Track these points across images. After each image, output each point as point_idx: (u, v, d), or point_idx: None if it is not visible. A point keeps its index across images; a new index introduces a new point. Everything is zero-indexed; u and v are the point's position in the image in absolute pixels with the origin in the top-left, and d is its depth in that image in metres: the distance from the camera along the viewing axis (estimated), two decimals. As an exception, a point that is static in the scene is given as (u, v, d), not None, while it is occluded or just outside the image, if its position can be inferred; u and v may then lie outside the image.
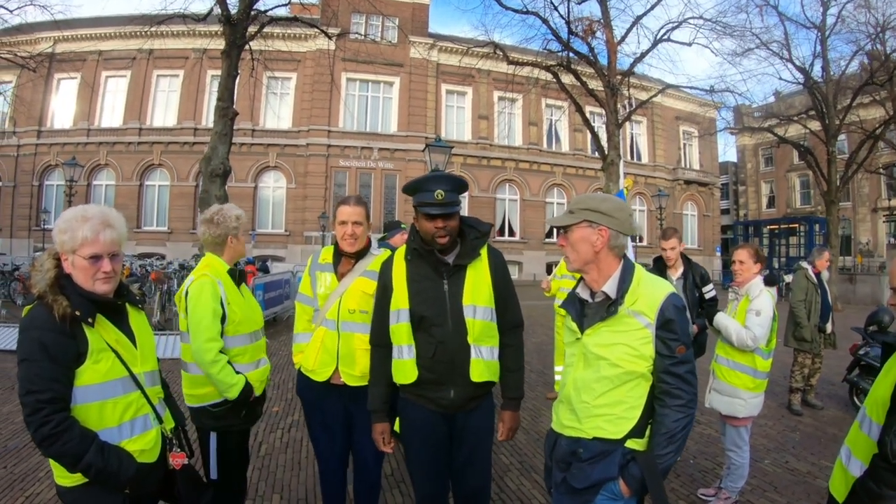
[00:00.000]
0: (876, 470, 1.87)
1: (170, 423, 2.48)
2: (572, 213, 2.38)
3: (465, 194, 3.05)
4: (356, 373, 3.32)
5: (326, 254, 3.54)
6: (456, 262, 2.89)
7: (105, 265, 2.19)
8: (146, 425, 2.30)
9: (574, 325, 2.41)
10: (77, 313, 2.10)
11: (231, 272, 3.32)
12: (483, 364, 2.87)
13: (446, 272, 2.88)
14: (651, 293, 2.27)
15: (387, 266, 3.04)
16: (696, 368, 2.33)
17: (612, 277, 2.33)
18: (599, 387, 2.27)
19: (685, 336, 2.25)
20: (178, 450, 2.46)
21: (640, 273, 2.35)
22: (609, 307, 2.28)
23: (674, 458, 2.23)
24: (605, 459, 2.25)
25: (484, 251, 2.97)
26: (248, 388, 3.16)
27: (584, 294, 2.45)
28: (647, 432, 2.27)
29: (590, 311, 2.39)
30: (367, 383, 3.17)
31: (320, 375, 3.37)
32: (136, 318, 2.43)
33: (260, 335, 3.47)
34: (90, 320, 2.15)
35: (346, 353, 3.33)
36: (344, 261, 3.48)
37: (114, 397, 2.19)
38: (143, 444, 2.27)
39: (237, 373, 3.15)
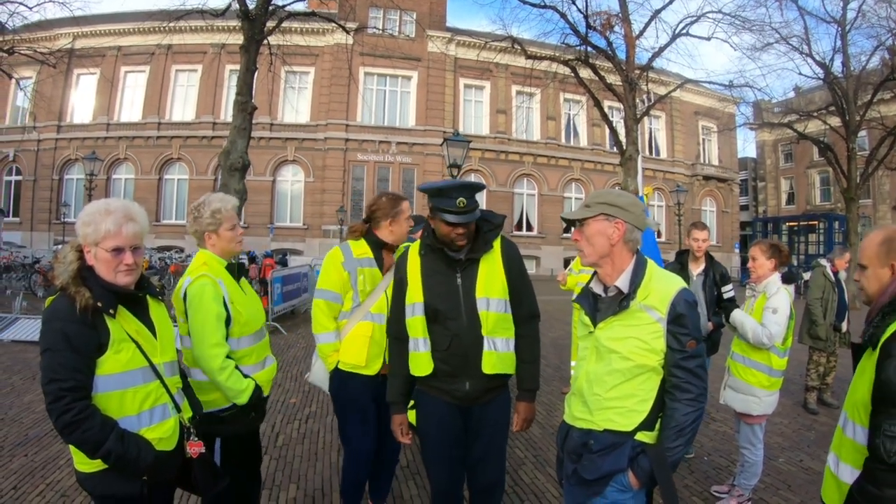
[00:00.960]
0: (873, 473, 1.85)
1: (187, 413, 2.53)
2: (588, 206, 2.41)
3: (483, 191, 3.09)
4: None
5: (361, 248, 3.54)
6: (468, 255, 2.90)
7: (127, 258, 2.24)
8: (165, 414, 2.35)
9: (587, 319, 2.43)
10: (99, 304, 2.15)
11: (230, 267, 3.14)
12: (495, 356, 2.88)
13: (459, 266, 2.89)
14: (663, 288, 2.29)
15: (402, 261, 3.06)
16: (711, 365, 2.33)
17: (625, 272, 2.35)
18: (611, 380, 2.29)
19: (696, 331, 2.27)
20: (196, 438, 2.50)
21: (653, 268, 2.36)
22: (621, 301, 2.30)
23: (683, 452, 2.26)
24: (615, 451, 2.27)
25: (497, 243, 2.97)
26: (257, 391, 3.04)
27: (597, 289, 2.47)
28: (658, 426, 2.30)
29: (603, 305, 2.41)
30: None
31: (371, 370, 3.44)
32: (157, 310, 2.47)
33: (264, 332, 3.33)
34: (111, 311, 2.19)
35: None
36: (387, 255, 3.55)
37: (134, 386, 2.24)
38: (161, 433, 2.31)
39: (245, 376, 3.00)
